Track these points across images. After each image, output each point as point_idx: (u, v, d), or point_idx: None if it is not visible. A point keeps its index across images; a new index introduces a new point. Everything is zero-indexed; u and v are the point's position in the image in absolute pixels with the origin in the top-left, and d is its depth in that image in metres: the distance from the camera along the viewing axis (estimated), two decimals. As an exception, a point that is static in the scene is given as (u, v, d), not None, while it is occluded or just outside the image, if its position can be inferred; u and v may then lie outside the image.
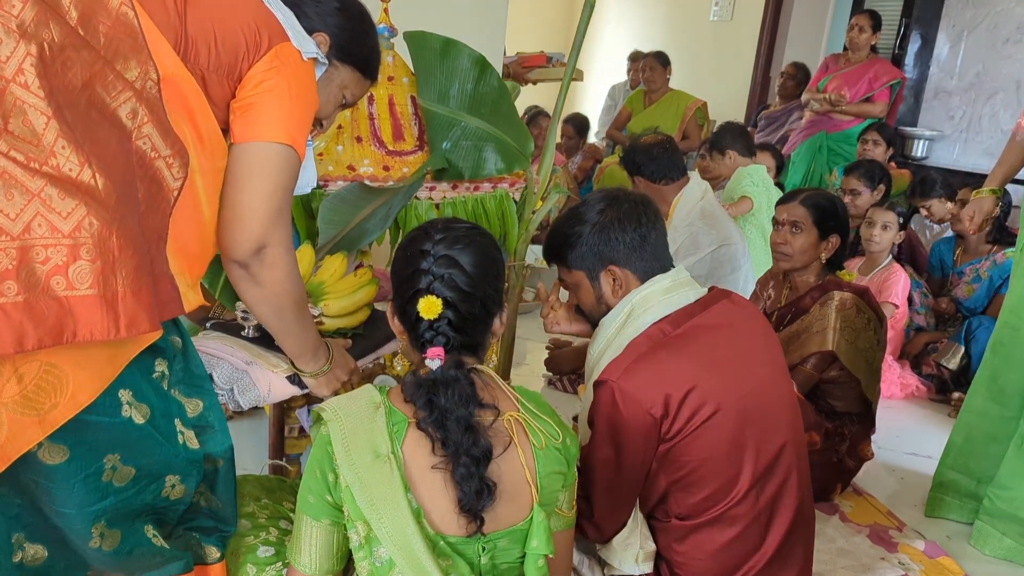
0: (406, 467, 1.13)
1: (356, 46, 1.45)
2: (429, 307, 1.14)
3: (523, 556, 1.20)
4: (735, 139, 3.72)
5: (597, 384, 1.42)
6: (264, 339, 1.56)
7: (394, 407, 1.16)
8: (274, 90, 1.22)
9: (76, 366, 1.00)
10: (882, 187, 3.65)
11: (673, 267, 1.55)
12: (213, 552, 1.27)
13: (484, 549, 1.17)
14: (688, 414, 1.37)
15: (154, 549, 1.18)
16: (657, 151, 2.81)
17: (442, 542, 1.14)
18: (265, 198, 1.23)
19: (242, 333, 1.60)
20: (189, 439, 1.20)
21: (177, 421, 1.19)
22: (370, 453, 1.11)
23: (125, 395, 1.09)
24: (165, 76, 1.09)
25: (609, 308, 1.54)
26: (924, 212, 3.83)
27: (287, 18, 1.29)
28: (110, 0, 1.06)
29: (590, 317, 1.61)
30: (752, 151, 3.78)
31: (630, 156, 2.87)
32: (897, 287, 3.17)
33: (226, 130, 1.24)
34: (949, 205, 3.69)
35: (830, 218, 2.21)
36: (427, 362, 1.14)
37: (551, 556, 1.18)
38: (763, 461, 1.45)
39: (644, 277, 1.51)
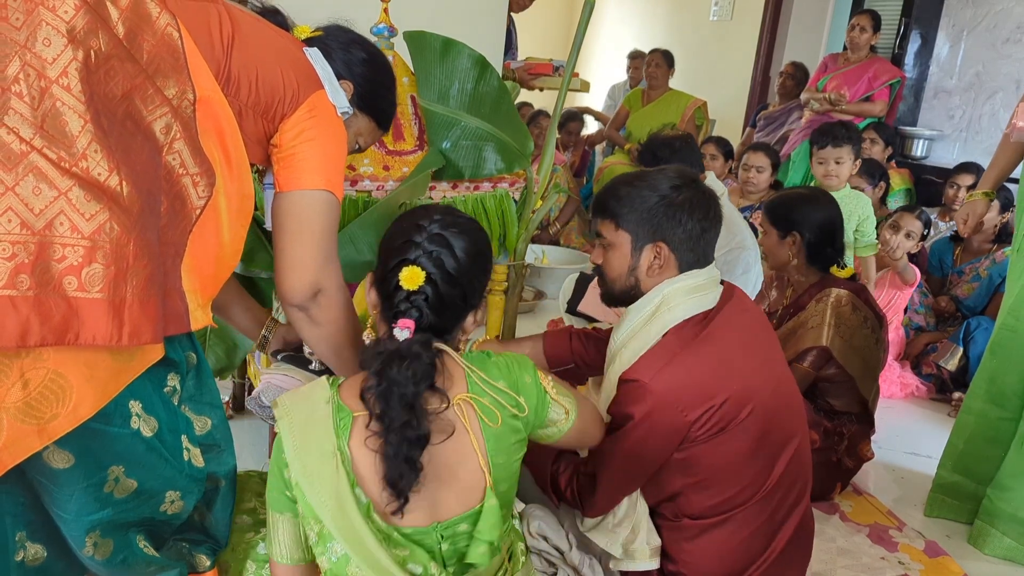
0: (353, 462, 1.12)
1: (377, 98, 1.51)
2: (411, 277, 1.13)
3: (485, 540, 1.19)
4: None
5: (627, 381, 1.41)
6: (330, 372, 1.62)
7: (342, 402, 1.15)
8: (314, 139, 1.29)
9: (81, 378, 1.00)
10: (883, 184, 3.65)
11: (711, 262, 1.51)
12: (204, 560, 1.28)
13: (443, 537, 1.17)
14: (719, 419, 1.37)
15: (147, 558, 1.18)
16: (679, 144, 2.77)
17: (396, 533, 1.14)
18: (315, 246, 1.29)
19: (310, 367, 1.65)
20: (195, 456, 1.20)
21: (184, 438, 1.19)
22: (318, 450, 1.12)
23: (135, 406, 1.09)
24: (201, 97, 1.12)
25: (637, 283, 1.49)
26: (951, 191, 3.82)
27: (326, 72, 1.35)
28: (156, 20, 1.08)
29: (609, 285, 1.54)
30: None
31: (650, 150, 2.78)
32: (911, 267, 3.22)
33: (253, 165, 1.29)
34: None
35: (782, 218, 2.25)
36: (396, 331, 1.12)
37: (495, 543, 1.19)
38: (785, 459, 1.45)
39: (683, 268, 1.47)
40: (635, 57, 6.10)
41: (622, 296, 1.52)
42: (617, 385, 1.45)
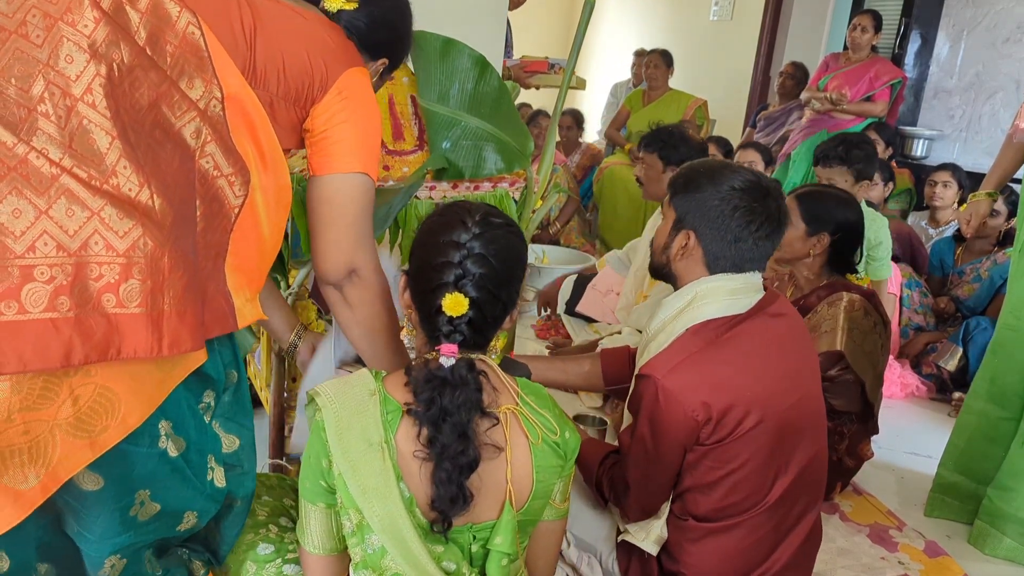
0: (399, 455, 1.12)
1: (404, 54, 1.53)
2: (455, 305, 1.11)
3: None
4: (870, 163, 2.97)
5: (640, 377, 1.41)
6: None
7: (389, 395, 1.15)
8: (347, 121, 1.28)
9: (128, 390, 1.01)
10: (891, 184, 3.66)
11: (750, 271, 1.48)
12: (199, 567, 1.28)
13: (475, 538, 1.18)
14: (729, 425, 1.37)
15: (151, 575, 1.19)
16: (698, 148, 2.76)
17: (435, 529, 1.14)
18: (348, 228, 1.30)
19: None
20: (218, 476, 1.20)
21: (211, 456, 1.19)
22: (363, 441, 1.11)
23: (165, 426, 1.10)
24: (229, 95, 1.11)
25: (668, 262, 1.51)
26: (930, 189, 3.83)
27: None
28: (177, 21, 1.08)
29: (652, 255, 1.57)
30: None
31: (672, 142, 2.74)
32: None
33: (287, 150, 1.28)
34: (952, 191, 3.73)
35: (815, 215, 2.17)
36: (441, 359, 1.12)
37: (516, 557, 1.19)
38: (794, 473, 1.44)
39: (710, 268, 1.46)
40: (641, 55, 6.10)
41: (656, 270, 1.57)
42: (635, 380, 1.45)
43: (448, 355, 1.12)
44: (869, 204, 3.08)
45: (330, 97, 1.26)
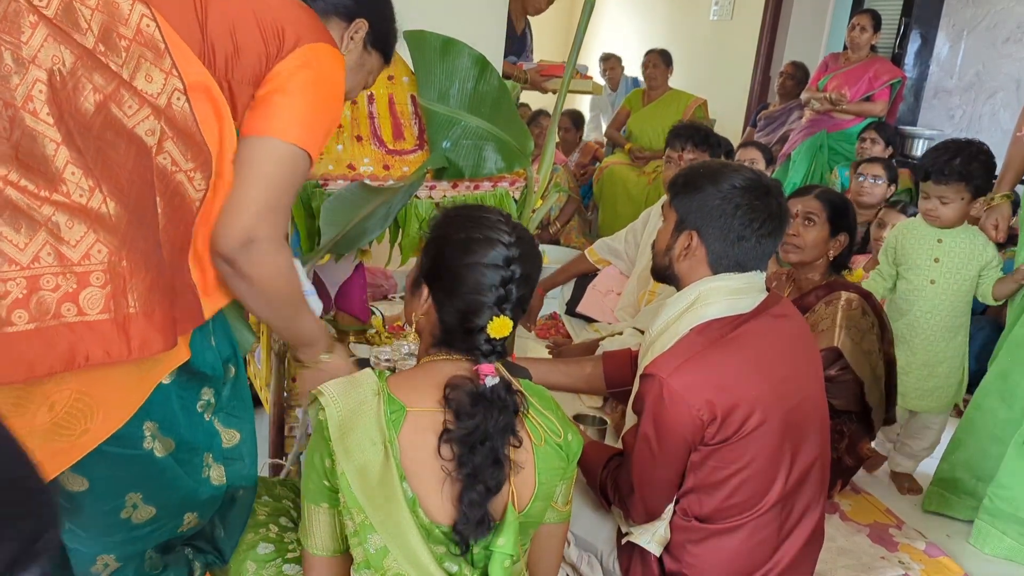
0: (402, 456, 1.13)
1: (389, 34, 1.46)
2: (502, 327, 1.15)
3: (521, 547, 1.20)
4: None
5: (645, 376, 1.41)
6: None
7: (392, 395, 1.15)
8: (294, 90, 1.15)
9: (105, 393, 1.01)
10: (894, 186, 3.66)
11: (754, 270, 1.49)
12: (198, 568, 1.28)
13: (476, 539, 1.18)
14: (733, 425, 1.36)
15: (151, 575, 1.19)
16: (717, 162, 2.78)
17: (437, 530, 1.15)
18: (259, 191, 1.14)
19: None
20: (215, 475, 1.19)
21: (207, 455, 1.18)
22: (366, 441, 1.11)
23: (150, 427, 1.09)
24: (192, 84, 1.08)
25: (670, 264, 1.51)
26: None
27: None
28: (130, 15, 1.05)
29: (653, 257, 1.58)
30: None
31: (717, 140, 2.78)
32: None
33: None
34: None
35: (842, 216, 2.19)
36: (487, 380, 1.14)
37: (519, 558, 1.19)
38: (796, 475, 1.44)
39: (714, 268, 1.47)
40: (607, 59, 6.19)
41: (658, 273, 1.57)
42: (639, 380, 1.45)
43: (493, 375, 1.14)
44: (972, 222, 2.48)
45: (286, 63, 1.14)
